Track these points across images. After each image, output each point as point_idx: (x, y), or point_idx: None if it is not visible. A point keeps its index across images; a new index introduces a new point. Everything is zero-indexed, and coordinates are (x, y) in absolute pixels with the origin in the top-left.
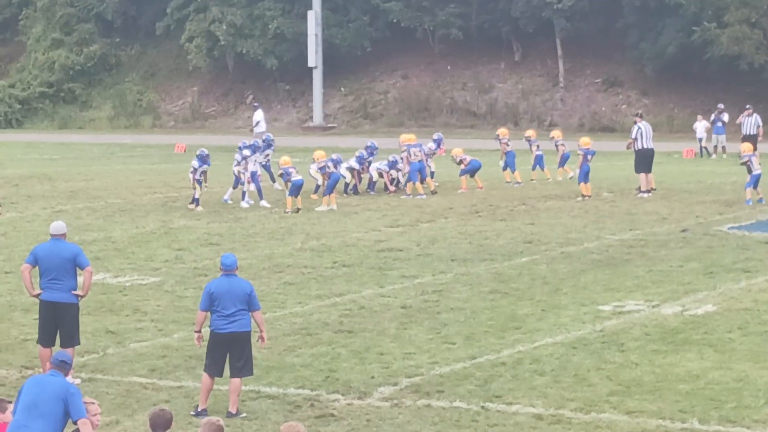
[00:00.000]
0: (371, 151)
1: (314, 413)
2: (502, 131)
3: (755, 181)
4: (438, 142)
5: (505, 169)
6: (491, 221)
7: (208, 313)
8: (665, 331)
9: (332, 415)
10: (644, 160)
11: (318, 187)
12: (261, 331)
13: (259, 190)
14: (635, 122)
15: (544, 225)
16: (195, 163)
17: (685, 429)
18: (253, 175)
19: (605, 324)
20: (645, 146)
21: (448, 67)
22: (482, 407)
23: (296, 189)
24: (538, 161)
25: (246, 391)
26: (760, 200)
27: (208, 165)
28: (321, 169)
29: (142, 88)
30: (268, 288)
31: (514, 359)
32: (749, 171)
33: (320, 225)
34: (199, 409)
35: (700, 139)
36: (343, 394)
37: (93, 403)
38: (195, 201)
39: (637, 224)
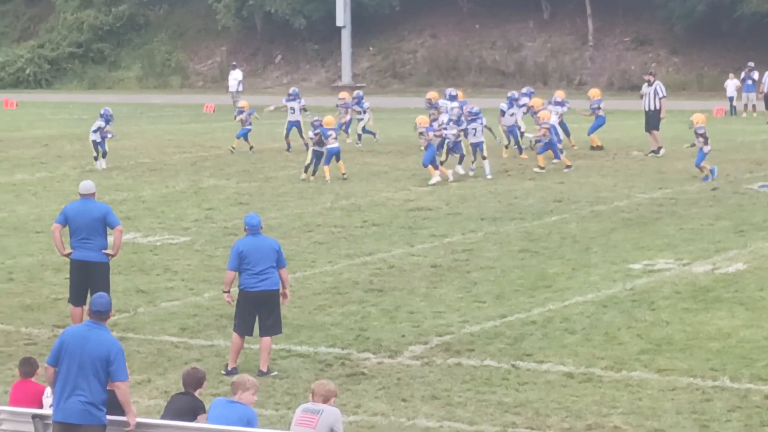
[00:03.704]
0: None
1: (345, 372)
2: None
3: None
4: (528, 96)
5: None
6: (520, 180)
7: (237, 273)
8: (696, 290)
9: (363, 373)
10: (656, 119)
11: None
12: (284, 288)
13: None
14: (651, 81)
15: (574, 184)
16: (100, 122)
17: (716, 387)
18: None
19: (635, 282)
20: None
21: (477, 26)
22: (513, 366)
23: (331, 157)
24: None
25: (277, 350)
26: None
27: (109, 124)
28: (421, 134)
29: (170, 48)
30: (298, 247)
31: (545, 318)
32: None
33: (350, 184)
34: (229, 368)
35: (731, 98)
36: (373, 353)
37: None
38: (100, 159)
39: (667, 183)
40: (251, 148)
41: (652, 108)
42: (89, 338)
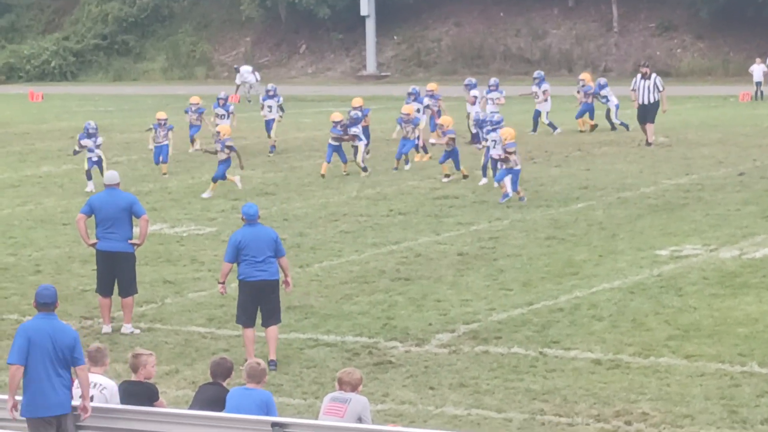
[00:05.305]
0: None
1: (373, 360)
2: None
3: None
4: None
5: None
6: (546, 167)
7: (233, 265)
8: (723, 275)
9: (390, 362)
10: (654, 111)
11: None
12: (286, 276)
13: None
14: (648, 74)
15: (600, 171)
16: (78, 138)
17: (744, 372)
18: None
19: (663, 269)
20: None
21: (501, 14)
22: (540, 353)
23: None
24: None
25: (304, 339)
26: None
27: (94, 141)
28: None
29: (195, 39)
30: (324, 236)
31: (572, 305)
32: None
33: (375, 173)
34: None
35: (758, 83)
36: (401, 341)
37: (150, 355)
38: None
39: (693, 168)
40: (164, 174)
41: (652, 101)
42: (53, 330)
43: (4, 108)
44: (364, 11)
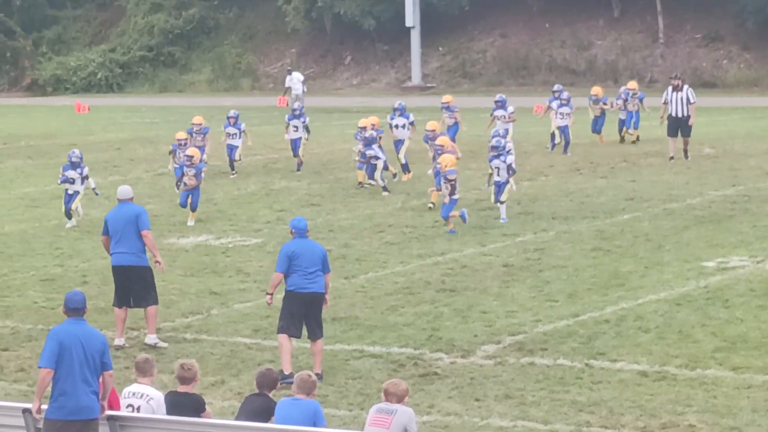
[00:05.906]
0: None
1: (418, 372)
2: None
3: None
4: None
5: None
6: (592, 178)
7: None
8: None
9: (436, 373)
10: (688, 125)
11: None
12: (326, 293)
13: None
14: (680, 86)
15: (646, 182)
16: (62, 169)
17: None
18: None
19: (709, 280)
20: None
21: (547, 25)
22: (586, 364)
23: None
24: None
25: (350, 350)
26: None
27: (80, 172)
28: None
29: (240, 51)
30: (370, 248)
31: (618, 316)
32: None
33: (420, 184)
34: (286, 374)
35: None
36: (446, 353)
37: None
38: (67, 214)
39: (740, 180)
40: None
41: (684, 114)
42: (85, 334)
43: (51, 120)
44: (409, 22)
